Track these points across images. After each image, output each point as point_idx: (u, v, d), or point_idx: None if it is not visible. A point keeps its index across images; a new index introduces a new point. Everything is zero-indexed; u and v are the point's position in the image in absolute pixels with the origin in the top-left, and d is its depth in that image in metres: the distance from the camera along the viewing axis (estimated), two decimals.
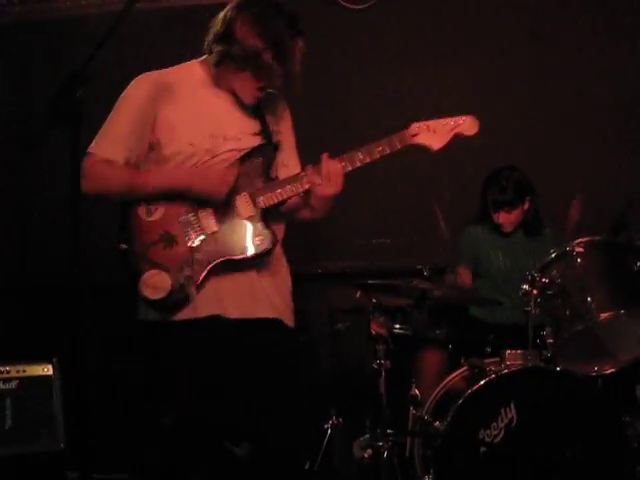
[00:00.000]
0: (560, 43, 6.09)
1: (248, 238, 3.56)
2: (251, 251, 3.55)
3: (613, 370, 4.63)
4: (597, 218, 5.39)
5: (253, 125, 3.71)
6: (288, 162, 3.84)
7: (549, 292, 4.48)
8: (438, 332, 5.05)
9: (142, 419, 4.16)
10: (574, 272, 4.50)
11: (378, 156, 3.64)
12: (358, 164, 3.62)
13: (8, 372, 4.41)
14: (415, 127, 3.70)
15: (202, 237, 3.54)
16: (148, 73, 3.66)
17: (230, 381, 3.56)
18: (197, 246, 3.53)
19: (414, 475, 4.62)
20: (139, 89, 3.61)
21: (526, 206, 5.36)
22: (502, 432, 4.19)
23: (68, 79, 2.78)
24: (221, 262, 3.53)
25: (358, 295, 4.95)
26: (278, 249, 3.71)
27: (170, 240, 3.52)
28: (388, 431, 4.59)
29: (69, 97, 2.76)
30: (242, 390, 3.57)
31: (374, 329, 4.76)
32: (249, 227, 3.57)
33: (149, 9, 5.99)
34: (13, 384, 4.41)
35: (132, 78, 3.63)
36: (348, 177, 3.61)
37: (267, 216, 3.61)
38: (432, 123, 3.71)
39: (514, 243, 5.44)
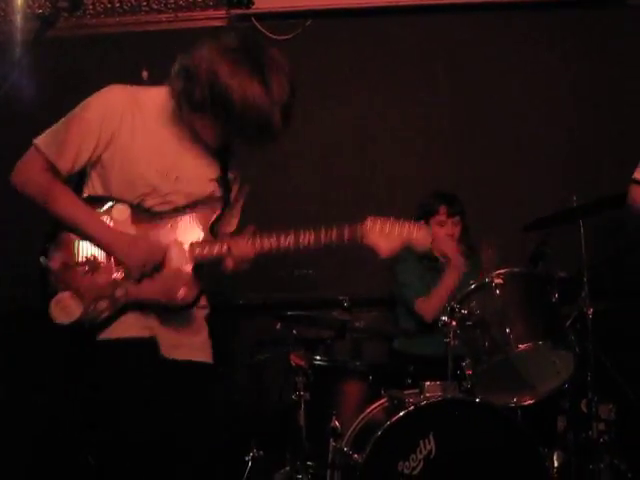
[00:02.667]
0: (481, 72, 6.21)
1: (173, 287, 3.43)
2: (173, 302, 3.43)
3: (532, 401, 4.66)
4: (515, 249, 5.42)
5: (212, 170, 3.56)
6: (232, 219, 3.73)
7: (468, 323, 4.49)
8: (358, 363, 5.04)
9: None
10: (493, 303, 4.52)
11: (321, 242, 3.56)
12: (287, 245, 3.56)
13: None
14: (369, 223, 3.53)
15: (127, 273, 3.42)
16: (119, 88, 3.49)
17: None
18: (119, 282, 3.40)
19: None
20: (105, 103, 3.43)
21: (461, 223, 5.45)
22: (421, 464, 4.16)
23: None
24: (139, 304, 3.43)
25: (278, 326, 4.92)
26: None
27: (94, 267, 3.39)
28: (308, 463, 4.59)
29: None
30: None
31: (294, 361, 4.73)
32: (177, 276, 3.43)
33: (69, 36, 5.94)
34: None
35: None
36: (270, 207, 3.57)
37: (199, 268, 3.49)
38: (386, 224, 3.52)
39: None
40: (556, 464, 4.69)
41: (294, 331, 4.83)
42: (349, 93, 6.27)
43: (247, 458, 5.08)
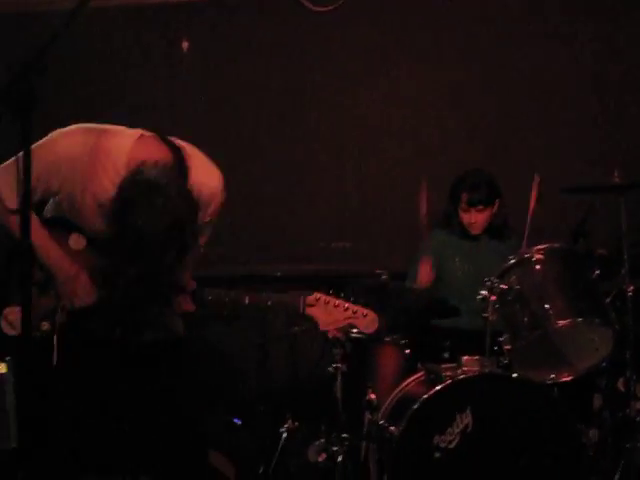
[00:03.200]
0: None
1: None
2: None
3: (570, 378, 4.63)
4: (557, 225, 5.38)
5: None
6: None
7: (507, 298, 4.47)
8: (395, 336, 5.02)
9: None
10: (533, 279, 4.50)
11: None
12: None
13: None
14: (315, 298, 3.52)
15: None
16: (86, 135, 3.39)
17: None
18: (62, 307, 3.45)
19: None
20: (69, 149, 3.35)
21: (495, 208, 5.35)
22: (457, 438, 4.17)
23: (21, 69, 2.72)
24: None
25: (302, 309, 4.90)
26: None
27: (44, 288, 3.44)
28: (343, 435, 4.58)
29: (21, 87, 2.70)
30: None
31: (331, 333, 4.72)
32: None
33: (109, 6, 5.95)
34: None
35: (82, 71, 3.50)
36: (312, 179, 3.55)
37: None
38: (333, 302, 3.51)
39: (479, 248, 5.43)
40: (592, 442, 4.66)
41: None
42: (389, 66, 6.24)
43: (282, 430, 5.09)
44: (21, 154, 3.21)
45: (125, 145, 3.36)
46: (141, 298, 3.40)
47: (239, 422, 5.36)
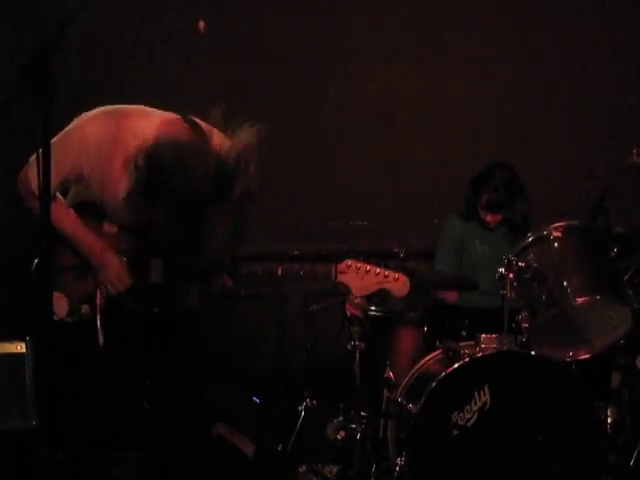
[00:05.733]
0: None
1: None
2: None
3: (588, 356, 4.64)
4: (576, 202, 5.38)
5: None
6: None
7: (525, 276, 4.46)
8: (413, 314, 5.03)
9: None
10: (551, 256, 4.49)
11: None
12: None
13: None
14: (346, 264, 3.63)
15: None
16: (111, 117, 3.45)
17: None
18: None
19: (387, 457, 4.62)
20: (96, 133, 3.42)
21: (515, 207, 5.36)
22: (475, 415, 4.17)
23: (40, 48, 2.72)
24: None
25: (334, 277, 4.91)
26: None
27: (82, 273, 3.51)
28: (362, 413, 4.59)
29: (40, 66, 2.70)
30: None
31: (349, 311, 4.73)
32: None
33: None
34: None
35: (102, 54, 3.51)
36: (329, 160, 3.56)
37: None
38: (364, 268, 3.62)
39: (497, 234, 5.48)
40: (610, 419, 4.66)
41: None
42: (404, 47, 6.25)
43: (300, 408, 5.11)
44: (52, 141, 3.29)
45: (150, 126, 3.40)
46: (183, 276, 3.47)
47: (258, 400, 5.38)
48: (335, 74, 6.31)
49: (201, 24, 5.99)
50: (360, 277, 3.62)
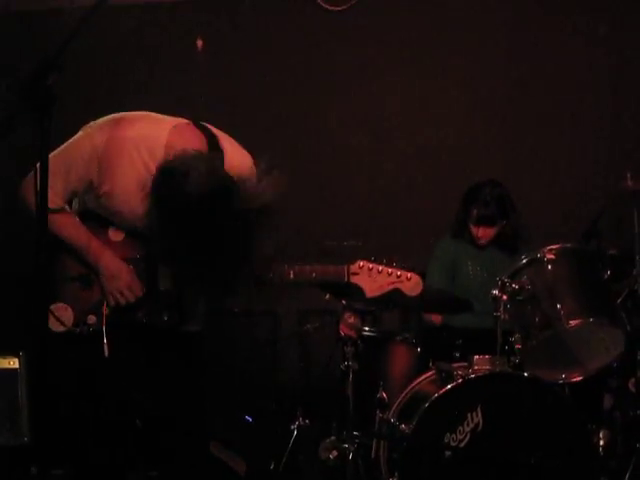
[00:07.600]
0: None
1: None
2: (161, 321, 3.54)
3: (581, 378, 4.64)
4: (569, 225, 5.40)
5: None
6: None
7: (519, 298, 4.47)
8: (407, 335, 5.04)
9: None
10: (544, 278, 4.50)
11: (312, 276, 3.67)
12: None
13: None
14: (358, 265, 3.60)
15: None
16: (119, 125, 3.42)
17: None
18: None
19: (379, 477, 4.60)
20: (103, 142, 3.39)
21: (505, 223, 5.37)
22: (468, 436, 4.18)
23: (40, 66, 2.73)
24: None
25: (327, 297, 4.92)
26: None
27: (87, 282, 3.49)
28: (354, 433, 4.59)
29: (40, 84, 2.71)
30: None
31: (343, 331, 4.74)
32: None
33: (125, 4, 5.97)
34: None
35: (102, 69, 3.52)
36: (323, 179, 3.57)
37: None
38: (376, 268, 3.58)
39: (489, 255, 5.48)
40: (602, 442, 4.67)
41: (343, 301, 4.82)
42: (403, 65, 6.27)
43: (293, 427, 5.12)
44: (56, 152, 3.29)
45: (161, 133, 3.40)
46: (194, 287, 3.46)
47: (250, 420, 5.38)
48: (334, 97, 6.33)
49: (199, 42, 6.03)
50: (373, 278, 3.58)
